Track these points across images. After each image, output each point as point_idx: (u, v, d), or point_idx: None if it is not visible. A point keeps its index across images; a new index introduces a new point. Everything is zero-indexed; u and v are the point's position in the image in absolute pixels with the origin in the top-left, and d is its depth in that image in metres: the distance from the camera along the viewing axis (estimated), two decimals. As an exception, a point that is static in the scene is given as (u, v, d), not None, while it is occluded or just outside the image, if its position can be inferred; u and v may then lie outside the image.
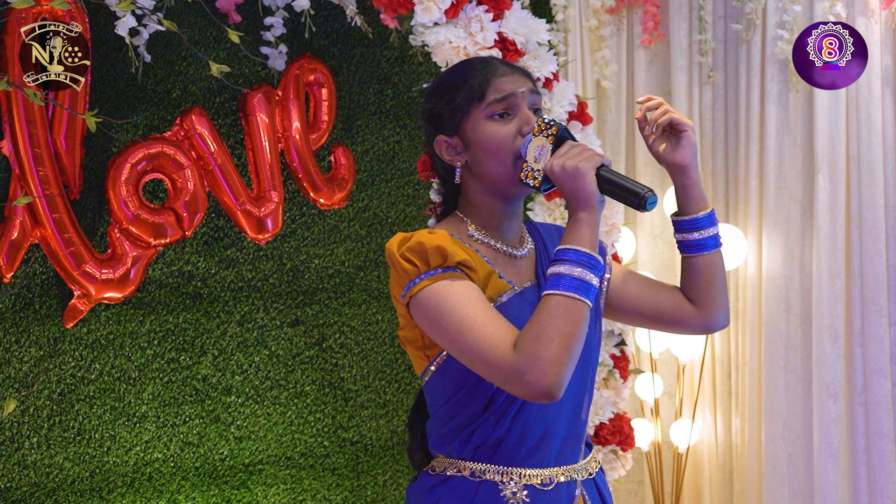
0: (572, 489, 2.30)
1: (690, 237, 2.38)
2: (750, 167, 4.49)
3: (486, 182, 2.28)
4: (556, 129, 2.18)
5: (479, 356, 2.11)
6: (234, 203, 3.76)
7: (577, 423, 2.32)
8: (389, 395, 4.18)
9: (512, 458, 2.25)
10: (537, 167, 2.19)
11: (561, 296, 2.08)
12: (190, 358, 3.82)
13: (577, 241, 2.12)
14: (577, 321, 2.08)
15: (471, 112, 2.25)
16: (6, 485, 3.53)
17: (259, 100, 3.80)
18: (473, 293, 2.15)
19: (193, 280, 3.81)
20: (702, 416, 4.70)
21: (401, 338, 2.33)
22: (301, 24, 3.82)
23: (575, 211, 2.14)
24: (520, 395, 2.09)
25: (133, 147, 3.62)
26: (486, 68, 2.27)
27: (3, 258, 3.44)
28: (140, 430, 3.75)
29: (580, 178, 2.12)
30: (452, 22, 3.50)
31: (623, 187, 2.14)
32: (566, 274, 2.09)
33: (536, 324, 2.08)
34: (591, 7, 4.65)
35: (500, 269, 2.27)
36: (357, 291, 4.10)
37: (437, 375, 2.27)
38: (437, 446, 2.32)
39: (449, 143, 2.29)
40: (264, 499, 3.95)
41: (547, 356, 2.05)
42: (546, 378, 2.05)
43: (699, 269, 2.40)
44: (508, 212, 2.31)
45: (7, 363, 3.52)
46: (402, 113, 4.16)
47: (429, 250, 2.16)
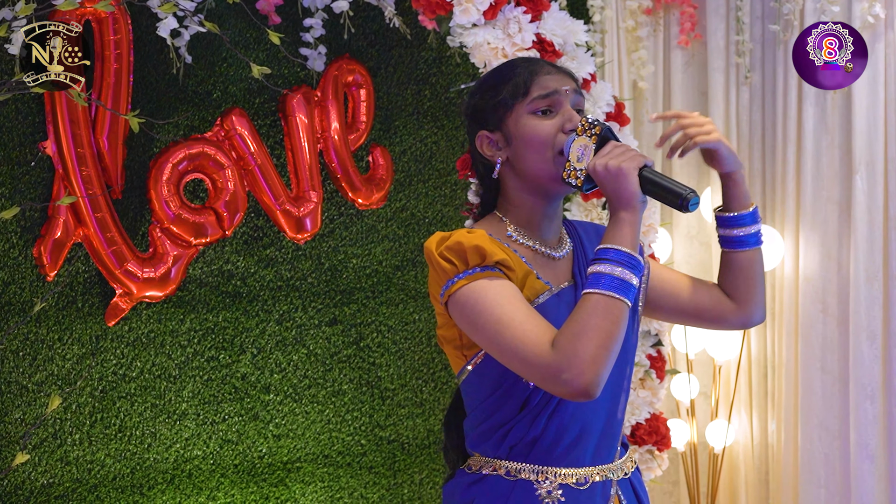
0: (608, 489, 2.31)
1: (732, 233, 2.40)
2: (787, 168, 4.49)
3: (526, 178, 2.28)
4: (599, 128, 2.19)
5: (518, 355, 2.11)
6: (274, 203, 3.79)
7: (613, 422, 2.32)
8: (426, 394, 4.20)
9: (547, 458, 2.26)
10: (580, 167, 2.19)
11: (601, 295, 2.09)
12: (229, 356, 3.86)
13: (619, 240, 2.12)
14: (616, 320, 2.08)
15: (514, 107, 2.26)
16: (49, 480, 3.57)
17: (298, 100, 3.83)
18: (512, 292, 2.16)
19: (233, 279, 3.85)
20: (738, 417, 4.69)
21: (438, 336, 2.34)
22: (340, 26, 3.85)
23: (616, 211, 2.14)
24: (557, 393, 2.10)
25: (174, 147, 3.66)
26: (530, 66, 2.29)
27: (47, 257, 3.49)
28: (180, 427, 3.78)
29: (623, 179, 2.13)
30: (491, 23, 3.51)
31: (665, 188, 2.14)
32: (606, 273, 2.10)
33: (575, 322, 2.09)
34: (628, 8, 4.65)
35: (538, 269, 2.27)
36: (394, 291, 4.13)
37: (473, 375, 2.28)
38: (474, 445, 2.33)
39: (490, 139, 2.30)
40: (302, 496, 3.98)
41: (585, 355, 2.05)
42: (584, 376, 2.05)
43: (739, 264, 2.42)
44: (548, 211, 2.31)
45: (50, 360, 3.57)
46: (439, 114, 4.18)
47: (467, 249, 2.17)
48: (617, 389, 2.32)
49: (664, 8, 4.73)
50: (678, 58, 4.76)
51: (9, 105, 3.45)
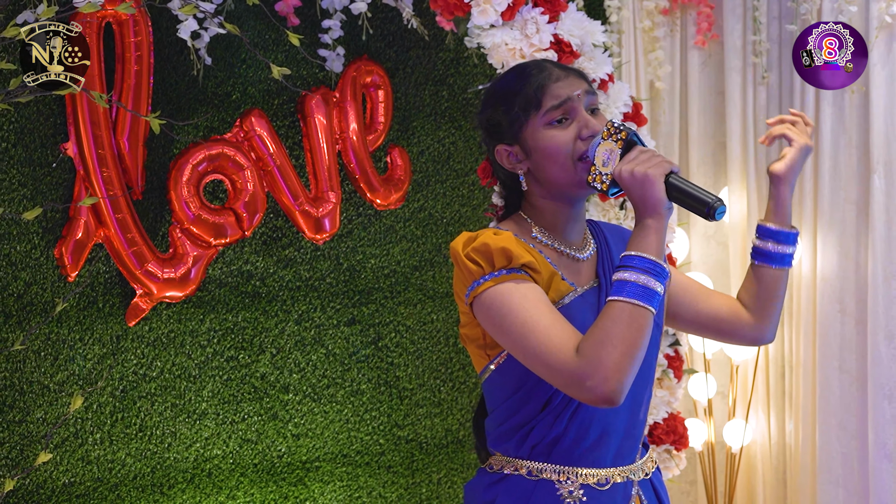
0: (629, 489, 2.31)
1: (767, 246, 2.42)
2: (805, 168, 4.49)
3: (549, 187, 2.29)
4: (625, 133, 2.18)
5: (542, 359, 2.12)
6: (293, 203, 3.81)
7: (636, 423, 2.33)
8: (444, 394, 4.21)
9: (569, 458, 2.26)
10: (605, 171, 2.19)
11: (625, 302, 2.09)
12: (249, 356, 3.88)
13: (644, 247, 2.12)
14: (640, 328, 2.09)
15: (528, 121, 2.26)
16: (70, 479, 3.60)
17: (317, 101, 3.85)
18: (537, 295, 2.16)
19: (252, 279, 3.87)
20: (755, 417, 4.70)
21: (461, 335, 2.35)
22: (358, 27, 3.86)
23: (642, 217, 2.14)
24: (581, 399, 2.11)
25: (194, 148, 3.67)
26: (540, 74, 2.28)
27: (69, 257, 3.51)
28: (200, 426, 3.80)
29: (649, 185, 2.12)
30: (508, 24, 3.52)
31: (692, 195, 2.14)
32: (631, 281, 2.10)
33: (600, 329, 2.09)
34: (645, 8, 4.65)
35: (562, 270, 2.28)
36: (412, 291, 4.14)
37: (496, 374, 2.29)
38: (495, 444, 2.34)
39: (510, 152, 2.30)
40: (321, 496, 4.00)
41: (609, 362, 2.06)
42: (608, 384, 2.06)
43: (765, 280, 2.44)
44: (572, 214, 2.32)
45: (71, 360, 3.59)
46: (457, 114, 4.19)
47: (494, 251, 2.18)
48: (639, 390, 2.32)
49: (681, 8, 4.73)
50: (695, 58, 4.76)
51: (30, 107, 3.48)
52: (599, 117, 2.28)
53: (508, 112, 2.28)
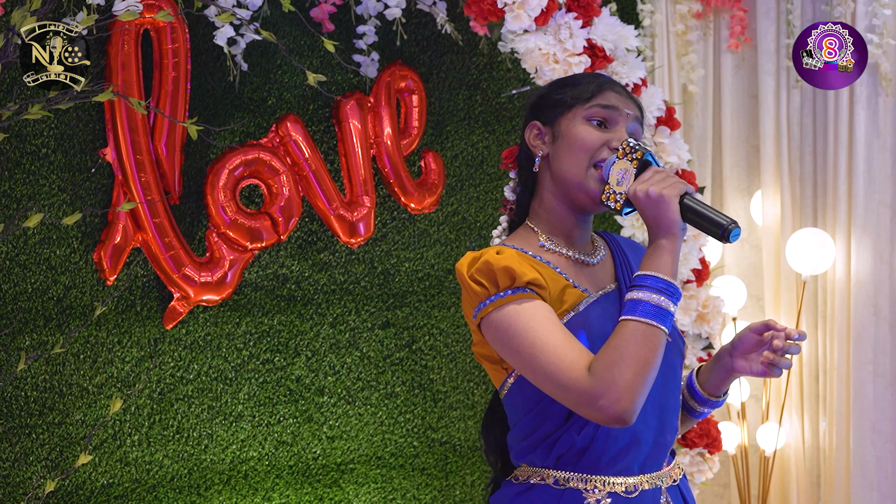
0: (657, 496, 2.30)
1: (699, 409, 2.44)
2: (839, 171, 4.48)
3: (558, 180, 2.29)
4: (640, 153, 2.19)
5: (553, 379, 2.12)
6: (328, 208, 3.84)
7: (664, 431, 2.31)
8: (478, 397, 4.23)
9: (596, 467, 2.25)
10: (620, 190, 2.19)
11: (638, 322, 2.10)
12: (284, 359, 3.91)
13: (657, 267, 2.13)
14: (653, 348, 2.10)
15: (572, 108, 2.28)
16: (109, 481, 3.64)
17: (352, 106, 3.87)
18: (544, 314, 2.16)
19: (288, 283, 3.90)
20: (789, 420, 4.69)
21: (475, 353, 2.35)
22: (393, 33, 3.88)
23: (656, 237, 2.15)
24: (592, 418, 2.12)
25: (231, 153, 3.71)
26: (603, 80, 2.32)
27: (107, 261, 3.55)
28: (236, 429, 3.84)
29: (663, 206, 2.13)
30: (542, 29, 3.54)
31: (706, 217, 2.14)
32: (644, 300, 2.11)
33: (612, 349, 2.09)
34: (678, 12, 4.66)
35: (573, 277, 2.28)
36: (446, 294, 4.16)
37: (515, 388, 2.28)
38: (519, 457, 2.33)
39: (540, 131, 2.33)
40: (355, 497, 4.02)
41: (622, 382, 2.07)
42: (620, 403, 2.07)
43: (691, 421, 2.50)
44: (579, 221, 2.32)
45: (110, 363, 3.63)
46: (490, 119, 4.21)
47: (497, 271, 2.18)
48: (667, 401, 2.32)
49: (714, 11, 4.73)
50: (728, 61, 4.76)
51: (70, 113, 3.52)
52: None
53: (559, 94, 2.31)
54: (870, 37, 4.32)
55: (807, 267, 4.44)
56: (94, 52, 3.44)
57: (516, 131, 4.24)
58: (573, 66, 3.53)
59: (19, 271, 3.50)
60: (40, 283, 3.52)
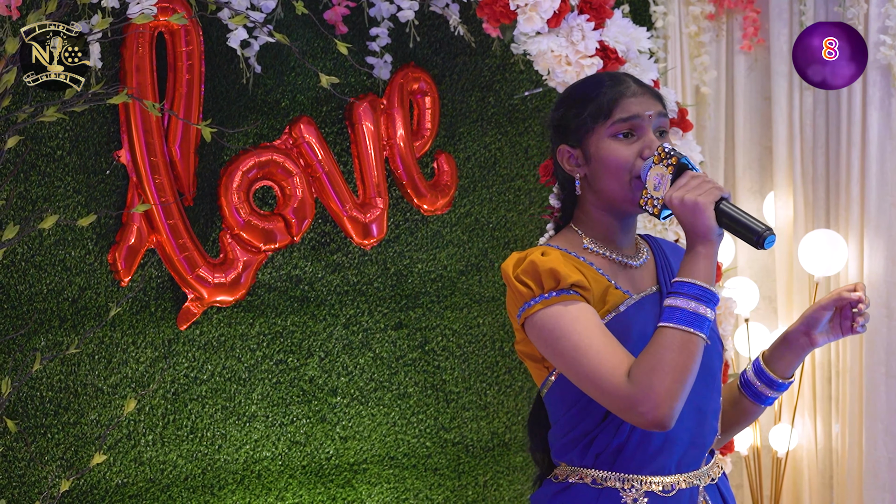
0: (694, 495, 2.31)
1: (757, 385, 2.42)
2: (851, 172, 4.48)
3: (602, 198, 2.31)
4: (675, 158, 2.20)
5: (593, 382, 2.15)
6: (341, 209, 3.85)
7: (702, 432, 2.32)
8: (490, 398, 4.24)
9: (632, 466, 2.27)
10: (657, 195, 2.21)
11: (676, 329, 2.12)
12: (297, 360, 3.93)
13: (694, 274, 2.14)
14: (691, 355, 2.12)
15: (595, 128, 2.28)
16: (123, 480, 3.66)
17: (365, 108, 3.89)
18: (588, 316, 2.19)
19: (301, 284, 3.91)
20: (801, 421, 4.69)
21: (518, 351, 2.36)
22: (405, 35, 3.90)
23: (693, 244, 2.16)
24: (632, 423, 2.15)
25: (244, 155, 3.73)
26: (617, 86, 2.30)
27: (122, 263, 3.57)
28: (250, 429, 3.86)
29: (699, 213, 2.14)
30: (554, 31, 3.54)
31: (742, 223, 2.15)
32: (682, 307, 2.13)
33: (651, 355, 2.12)
34: (691, 13, 4.66)
35: (616, 279, 2.30)
36: (459, 295, 4.17)
37: (556, 387, 2.31)
38: (560, 455, 2.35)
39: (571, 154, 2.32)
40: (368, 497, 4.04)
41: (660, 389, 2.09)
42: (659, 410, 2.10)
43: (745, 411, 2.45)
44: (623, 225, 2.34)
45: (124, 364, 3.65)
46: (503, 120, 4.22)
47: (542, 273, 2.20)
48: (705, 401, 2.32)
49: (727, 13, 4.73)
50: (741, 63, 4.76)
51: (85, 115, 3.54)
52: (666, 139, 2.30)
53: (578, 115, 2.31)
54: (882, 38, 4.31)
55: (819, 268, 4.44)
56: (108, 55, 3.47)
57: (529, 133, 4.25)
58: (585, 67, 3.54)
59: (35, 272, 3.52)
60: (55, 284, 3.55)
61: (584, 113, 2.29)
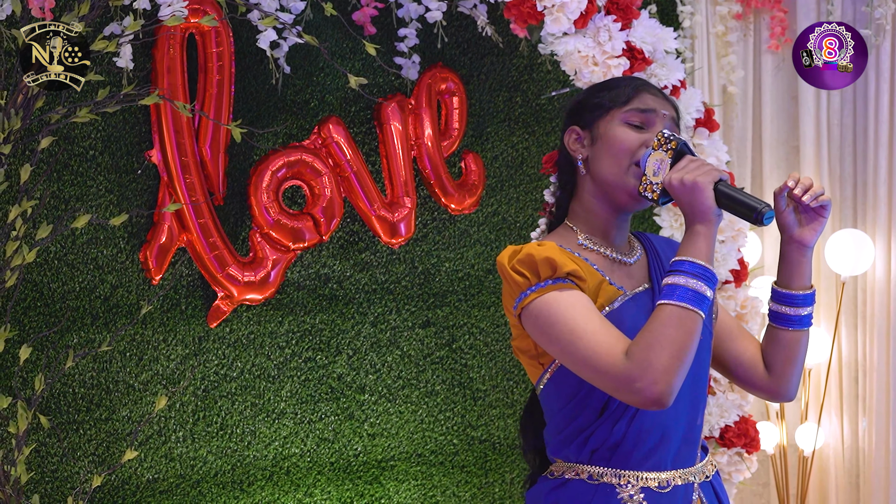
0: (689, 492, 2.34)
1: (783, 310, 2.38)
2: (879, 172, 4.48)
3: (599, 183, 2.33)
4: (675, 143, 2.24)
5: (590, 364, 2.17)
6: (369, 208, 3.88)
7: (694, 427, 2.35)
8: (517, 395, 4.26)
9: (628, 462, 2.29)
10: (656, 181, 2.24)
11: (675, 306, 2.14)
12: (326, 357, 3.96)
13: (694, 253, 2.16)
14: (689, 331, 2.13)
15: (610, 111, 2.33)
16: (154, 476, 3.70)
17: (393, 108, 3.91)
18: (583, 303, 2.21)
19: (329, 282, 3.94)
20: (828, 420, 4.69)
21: (514, 348, 2.39)
22: (434, 35, 3.92)
23: (692, 224, 2.19)
24: (630, 402, 2.16)
25: (273, 155, 3.76)
26: (638, 83, 2.37)
27: (153, 261, 3.61)
28: (279, 426, 3.89)
29: (698, 193, 2.17)
30: (581, 32, 3.56)
31: (740, 202, 2.18)
32: (681, 285, 2.15)
33: (649, 332, 2.13)
34: (718, 13, 4.66)
35: (610, 275, 2.32)
36: (486, 294, 4.19)
37: (551, 383, 2.33)
38: (555, 451, 2.37)
39: (579, 135, 2.37)
40: (396, 494, 4.06)
41: (658, 364, 2.10)
42: (657, 386, 2.10)
43: (782, 342, 2.40)
44: (618, 222, 2.37)
45: (155, 361, 3.69)
46: (530, 120, 4.24)
47: (538, 262, 2.22)
48: (698, 396, 2.35)
49: (754, 13, 4.74)
50: (768, 62, 4.76)
51: (117, 116, 3.58)
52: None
53: (597, 97, 2.36)
54: (911, 38, 4.31)
55: (846, 268, 4.44)
56: (140, 57, 3.51)
57: (556, 132, 4.27)
58: (612, 68, 3.56)
59: (67, 271, 3.57)
60: (88, 282, 3.59)
61: (604, 97, 2.35)
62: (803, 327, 2.40)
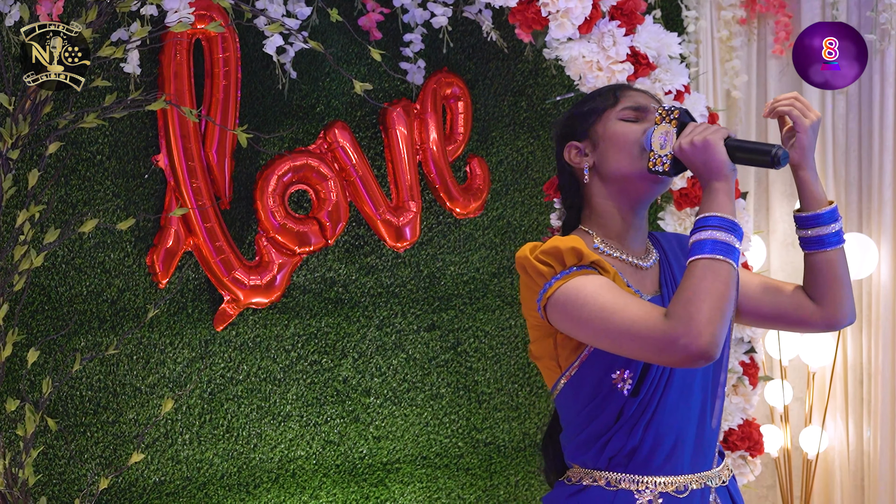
0: (706, 496, 2.34)
1: (807, 233, 2.36)
2: (884, 177, 4.49)
3: (612, 180, 2.33)
4: (677, 112, 2.25)
5: (630, 332, 2.13)
6: (375, 213, 3.90)
7: (707, 430, 2.34)
8: (522, 398, 4.27)
9: (646, 467, 2.29)
10: (664, 152, 2.24)
11: (706, 259, 2.11)
12: (331, 360, 3.97)
13: (716, 207, 2.15)
14: (725, 280, 2.10)
15: (604, 113, 2.34)
16: (161, 478, 3.72)
17: (398, 113, 3.93)
18: (612, 284, 2.19)
19: (335, 286, 3.96)
20: (832, 423, 4.70)
21: (531, 352, 2.38)
22: (439, 40, 3.93)
23: (709, 182, 2.18)
24: (676, 361, 2.11)
25: (279, 160, 3.78)
26: (622, 85, 2.40)
27: (160, 265, 3.63)
28: (284, 428, 3.91)
29: (711, 150, 2.17)
30: (585, 37, 3.57)
31: (753, 149, 2.19)
32: (708, 239, 2.13)
33: (686, 289, 2.11)
34: (723, 18, 4.67)
35: (627, 278, 2.31)
36: (491, 297, 4.21)
37: (568, 387, 2.32)
38: (572, 457, 2.37)
39: (578, 147, 2.36)
40: (401, 496, 4.08)
41: (700, 316, 2.07)
42: (702, 338, 2.07)
43: (819, 266, 2.37)
44: (635, 221, 2.36)
45: (162, 364, 3.71)
46: (535, 124, 4.25)
47: (563, 251, 2.22)
48: (707, 399, 2.35)
49: (758, 17, 4.74)
50: (773, 67, 4.77)
51: (124, 121, 3.60)
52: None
53: (585, 108, 2.37)
54: (915, 42, 4.32)
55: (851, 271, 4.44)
56: (147, 62, 3.53)
57: (561, 137, 4.28)
58: (616, 73, 3.57)
59: (75, 274, 3.59)
60: (95, 285, 3.61)
61: (592, 104, 2.36)
62: (835, 245, 2.36)
